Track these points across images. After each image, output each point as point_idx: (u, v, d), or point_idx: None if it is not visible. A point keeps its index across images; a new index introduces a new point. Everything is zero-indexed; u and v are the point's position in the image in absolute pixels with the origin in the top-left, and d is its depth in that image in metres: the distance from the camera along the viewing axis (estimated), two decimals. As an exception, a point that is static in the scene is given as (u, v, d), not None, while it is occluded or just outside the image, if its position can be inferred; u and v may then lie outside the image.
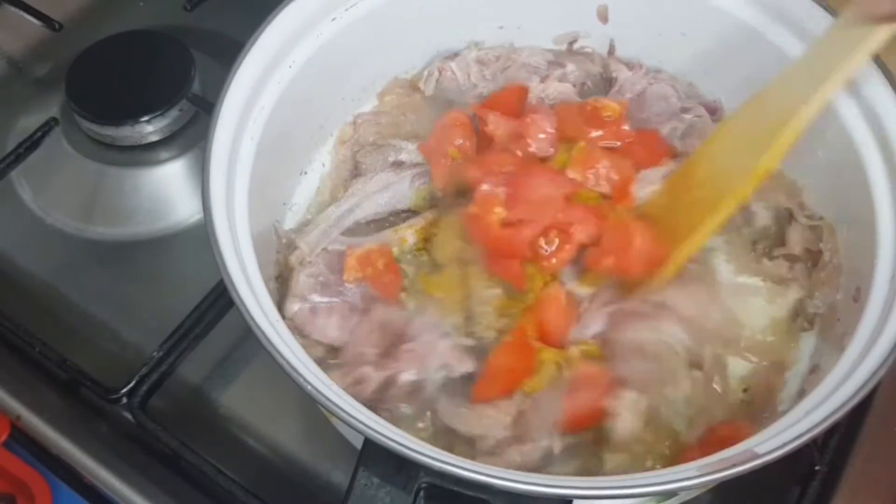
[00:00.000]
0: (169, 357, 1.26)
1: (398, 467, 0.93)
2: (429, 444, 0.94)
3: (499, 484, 0.88)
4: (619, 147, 1.26)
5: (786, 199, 1.25)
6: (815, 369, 1.16)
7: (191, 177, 1.51)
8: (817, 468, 1.18)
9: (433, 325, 1.14)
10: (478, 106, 1.29)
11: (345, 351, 1.14)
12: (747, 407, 1.15)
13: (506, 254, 1.15)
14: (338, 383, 0.98)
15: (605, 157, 1.22)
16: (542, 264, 1.15)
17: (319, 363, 1.13)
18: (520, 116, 1.27)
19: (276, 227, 1.23)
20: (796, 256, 1.22)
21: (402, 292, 1.19)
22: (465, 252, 1.17)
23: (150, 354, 1.26)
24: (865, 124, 1.14)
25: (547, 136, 1.25)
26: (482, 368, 1.12)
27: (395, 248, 1.21)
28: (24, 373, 1.31)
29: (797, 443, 0.91)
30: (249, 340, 0.95)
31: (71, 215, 1.49)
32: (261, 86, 1.16)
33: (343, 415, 0.91)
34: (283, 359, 0.93)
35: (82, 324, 1.39)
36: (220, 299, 1.27)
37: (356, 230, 1.25)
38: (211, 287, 1.29)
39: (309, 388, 0.92)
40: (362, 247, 1.19)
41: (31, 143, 1.51)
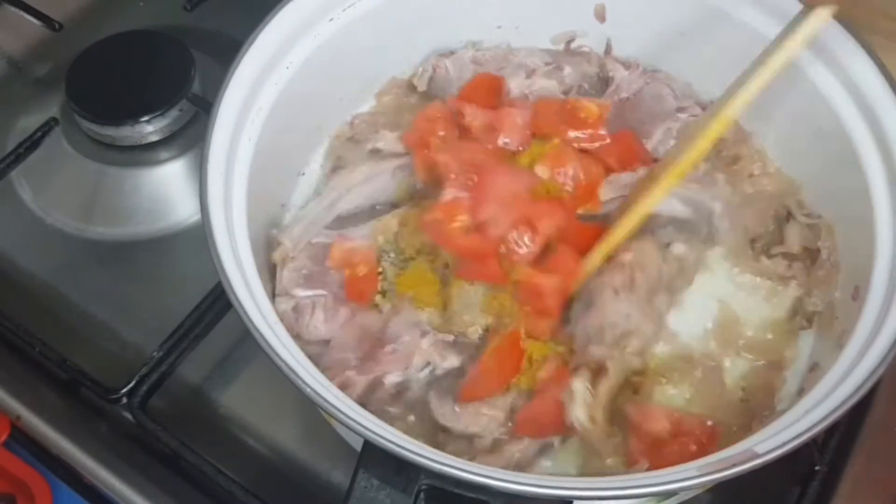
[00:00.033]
0: (169, 357, 1.26)
1: (398, 469, 0.93)
2: (428, 446, 0.94)
3: (498, 485, 0.88)
4: (594, 149, 1.26)
5: (784, 198, 1.25)
6: (815, 368, 1.15)
7: (191, 177, 1.51)
8: (817, 468, 1.18)
9: (412, 325, 1.14)
10: (455, 98, 1.29)
11: (327, 356, 1.14)
12: (746, 406, 1.14)
13: (476, 258, 1.15)
14: (325, 387, 0.98)
15: (577, 157, 1.23)
16: (511, 259, 1.15)
17: (317, 359, 1.14)
18: (496, 108, 1.28)
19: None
20: (795, 255, 1.22)
21: (377, 295, 1.19)
22: (431, 245, 1.18)
23: (150, 354, 1.26)
24: (864, 123, 1.14)
25: (519, 130, 1.26)
26: (472, 369, 1.12)
27: (380, 237, 1.21)
28: (24, 373, 1.31)
29: (797, 442, 0.91)
30: (249, 340, 0.95)
31: (71, 215, 1.49)
32: (259, 86, 1.16)
33: (343, 417, 0.91)
34: (282, 361, 0.93)
35: (82, 324, 1.39)
36: (220, 299, 1.27)
37: (339, 224, 1.24)
38: (211, 287, 1.28)
39: (308, 390, 0.92)
40: (350, 242, 1.18)
41: (31, 143, 1.51)
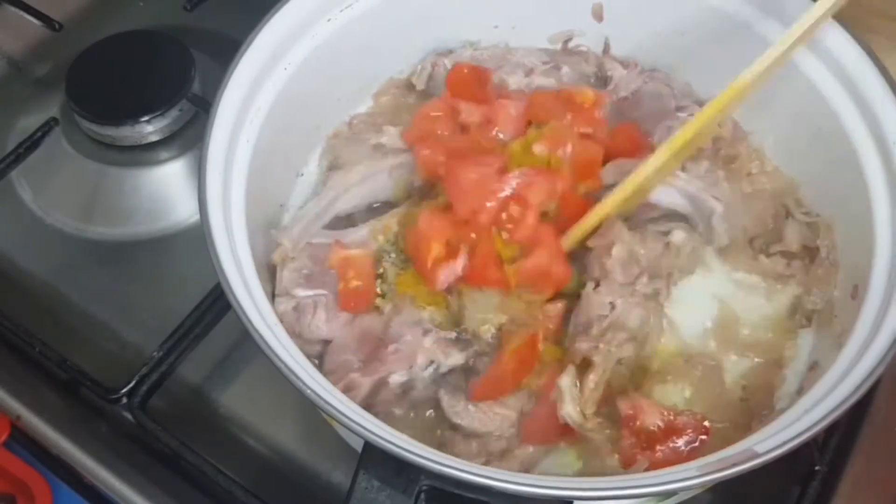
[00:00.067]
0: (169, 357, 1.26)
1: (398, 470, 0.93)
2: (428, 447, 0.94)
3: (499, 486, 0.88)
4: (593, 133, 1.26)
5: (783, 197, 1.25)
6: (814, 367, 1.16)
7: (191, 177, 1.51)
8: (817, 468, 1.18)
9: (414, 323, 1.14)
10: (449, 95, 1.29)
11: (329, 359, 1.14)
12: (746, 405, 1.15)
13: (478, 266, 1.15)
14: (329, 391, 0.98)
15: (576, 136, 1.22)
16: (513, 238, 1.15)
17: (318, 359, 1.14)
18: (487, 101, 1.28)
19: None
20: (794, 253, 1.22)
21: (378, 297, 1.18)
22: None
23: (150, 354, 1.26)
24: (863, 123, 1.14)
25: (513, 121, 1.26)
26: (489, 367, 1.12)
27: (380, 237, 1.21)
28: (24, 373, 1.31)
29: (796, 441, 0.91)
30: (249, 341, 0.95)
31: (71, 215, 1.49)
32: (257, 87, 1.16)
33: (343, 418, 0.91)
34: (282, 362, 0.93)
35: (82, 324, 1.39)
36: (220, 300, 1.27)
37: (337, 224, 1.24)
38: (210, 287, 1.28)
39: (308, 392, 0.92)
40: (345, 251, 1.18)
41: (31, 143, 1.52)
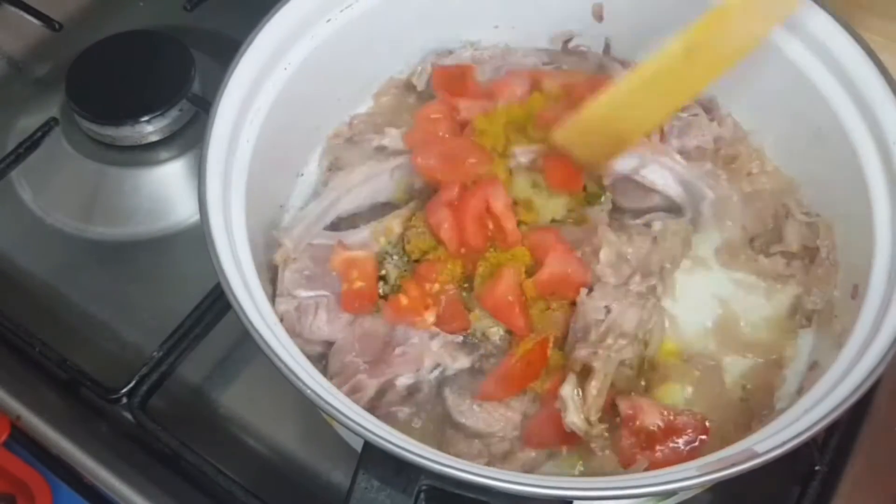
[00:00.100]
0: (169, 357, 1.26)
1: (398, 470, 0.93)
2: (428, 447, 0.94)
3: (499, 486, 0.88)
4: None
5: (783, 197, 1.25)
6: (814, 366, 1.16)
7: (191, 177, 1.51)
8: (817, 468, 1.18)
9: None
10: (447, 96, 1.29)
11: (334, 361, 1.14)
12: (746, 405, 1.15)
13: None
14: (336, 393, 0.98)
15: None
16: (508, 246, 1.16)
17: (319, 359, 1.14)
18: (476, 95, 1.30)
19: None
20: (794, 253, 1.22)
21: (381, 300, 1.18)
22: (437, 249, 1.17)
23: (150, 354, 1.26)
24: (863, 123, 1.14)
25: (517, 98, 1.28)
26: (497, 368, 1.12)
27: (381, 239, 1.20)
28: (24, 373, 1.31)
29: (796, 441, 0.92)
30: (249, 341, 0.95)
31: (71, 215, 1.49)
32: (257, 87, 1.16)
33: (342, 418, 0.91)
34: (282, 362, 0.93)
35: (82, 324, 1.39)
36: (220, 300, 1.27)
37: (339, 224, 1.24)
38: (211, 287, 1.28)
39: (308, 392, 0.92)
40: (347, 252, 1.17)
41: (31, 143, 1.52)
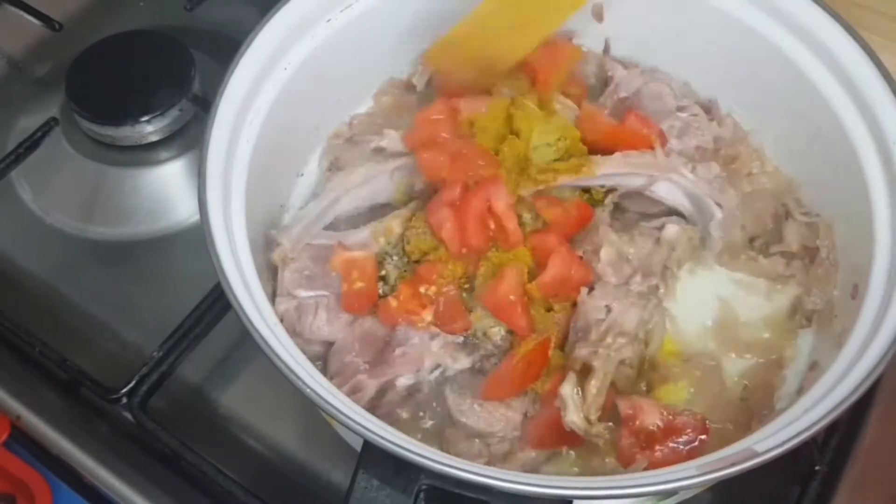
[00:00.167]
0: (169, 357, 1.26)
1: (398, 469, 0.93)
2: (428, 446, 0.94)
3: (499, 485, 0.88)
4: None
5: (783, 196, 1.25)
6: (814, 366, 1.16)
7: (191, 177, 1.51)
8: (817, 468, 1.18)
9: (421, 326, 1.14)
10: (444, 97, 1.28)
11: (333, 361, 1.14)
12: (746, 405, 1.15)
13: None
14: (336, 393, 0.98)
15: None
16: (510, 246, 1.16)
17: (319, 359, 1.14)
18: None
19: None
20: (793, 253, 1.22)
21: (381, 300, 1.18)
22: (437, 249, 1.17)
23: (150, 354, 1.26)
24: (863, 123, 1.14)
25: None
26: (498, 368, 1.12)
27: (381, 239, 1.20)
28: (24, 373, 1.31)
29: (796, 441, 0.92)
30: (249, 340, 0.95)
31: (71, 215, 1.49)
32: (257, 87, 1.16)
33: (342, 418, 0.91)
34: (282, 362, 0.93)
35: (82, 324, 1.39)
36: (220, 299, 1.27)
37: (338, 225, 1.24)
38: (211, 287, 1.28)
39: (308, 391, 0.92)
40: (348, 253, 1.17)
41: (31, 143, 1.51)
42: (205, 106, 1.48)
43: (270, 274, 1.18)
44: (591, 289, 1.15)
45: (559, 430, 1.07)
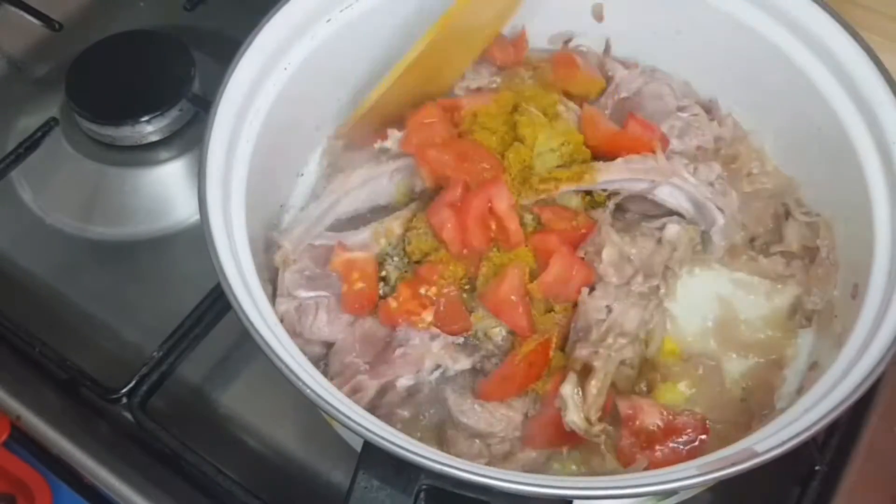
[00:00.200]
0: (169, 357, 1.26)
1: (398, 469, 0.93)
2: (428, 446, 0.94)
3: (499, 485, 0.88)
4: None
5: (783, 196, 1.25)
6: (814, 366, 1.16)
7: (191, 177, 1.51)
8: (817, 468, 1.18)
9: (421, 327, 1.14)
10: (448, 101, 1.28)
11: (334, 361, 1.14)
12: (746, 404, 1.15)
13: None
14: (336, 393, 0.98)
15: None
16: (511, 247, 1.15)
17: (320, 360, 1.14)
18: None
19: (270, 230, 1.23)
20: (793, 253, 1.22)
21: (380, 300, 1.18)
22: (438, 250, 1.17)
23: (150, 354, 1.26)
24: (863, 123, 1.14)
25: None
26: (498, 368, 1.12)
27: (381, 240, 1.20)
28: (24, 373, 1.31)
29: (796, 441, 0.92)
30: (249, 341, 0.95)
31: (71, 215, 1.49)
32: (257, 87, 1.16)
33: (342, 418, 0.91)
34: (282, 363, 0.93)
35: (82, 324, 1.39)
36: (220, 299, 1.27)
37: (338, 226, 1.24)
38: (211, 287, 1.28)
39: (308, 391, 0.92)
40: (348, 253, 1.17)
41: (31, 143, 1.52)
42: (205, 106, 1.47)
43: (270, 274, 1.18)
44: (592, 289, 1.15)
45: (559, 431, 1.07)
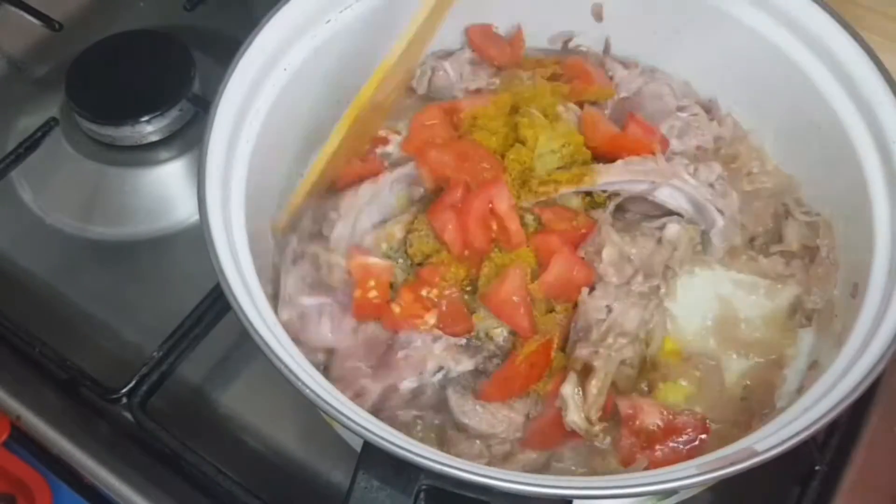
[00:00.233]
0: (169, 357, 1.26)
1: (398, 470, 0.93)
2: (428, 447, 0.94)
3: (499, 485, 0.88)
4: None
5: (783, 196, 1.25)
6: (814, 366, 1.16)
7: (191, 177, 1.51)
8: (817, 468, 1.18)
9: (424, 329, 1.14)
10: (448, 104, 1.29)
11: (336, 366, 1.14)
12: (746, 404, 1.15)
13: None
14: (339, 397, 0.98)
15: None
16: (512, 247, 1.15)
17: (320, 365, 1.14)
18: None
19: (272, 230, 1.22)
20: (793, 253, 1.22)
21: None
22: (440, 252, 1.17)
23: (150, 354, 1.26)
24: (863, 122, 1.14)
25: None
26: (500, 369, 1.12)
27: (383, 244, 1.20)
28: (24, 373, 1.31)
29: (796, 440, 0.92)
30: (249, 341, 0.94)
31: (71, 215, 1.49)
32: (257, 88, 1.16)
33: (342, 418, 0.91)
34: (282, 363, 0.93)
35: (82, 324, 1.39)
36: (220, 299, 1.27)
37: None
38: (210, 287, 1.28)
39: (308, 391, 0.92)
40: (365, 257, 1.16)
41: (31, 143, 1.52)
42: (205, 106, 1.47)
43: (270, 274, 1.18)
44: (592, 289, 1.15)
45: (560, 430, 1.08)
